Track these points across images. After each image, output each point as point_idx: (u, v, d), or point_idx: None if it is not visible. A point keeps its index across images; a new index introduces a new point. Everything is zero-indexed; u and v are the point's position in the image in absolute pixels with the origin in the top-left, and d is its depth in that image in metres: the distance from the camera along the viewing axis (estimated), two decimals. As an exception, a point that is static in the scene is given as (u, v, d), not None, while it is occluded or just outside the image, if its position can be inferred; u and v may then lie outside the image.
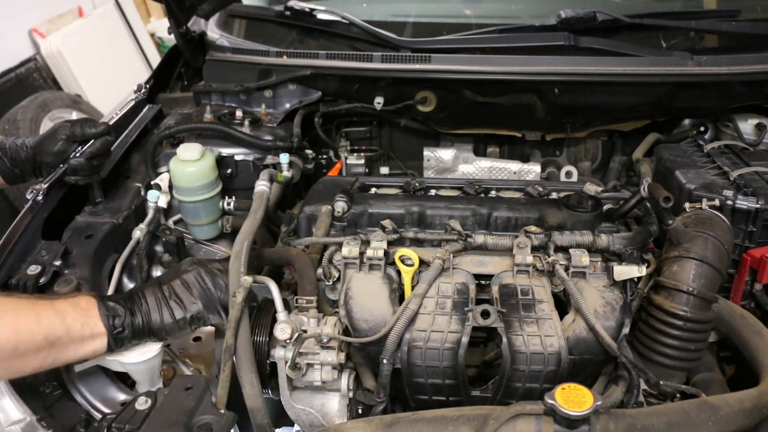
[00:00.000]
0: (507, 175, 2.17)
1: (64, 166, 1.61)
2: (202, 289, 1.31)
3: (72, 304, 1.22)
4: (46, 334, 1.15)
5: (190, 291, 1.31)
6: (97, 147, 1.60)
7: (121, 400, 1.31)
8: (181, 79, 2.40)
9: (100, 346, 1.23)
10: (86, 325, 1.20)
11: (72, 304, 1.22)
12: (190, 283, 1.31)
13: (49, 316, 1.16)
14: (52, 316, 1.17)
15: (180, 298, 1.30)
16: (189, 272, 1.33)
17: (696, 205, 1.45)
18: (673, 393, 1.30)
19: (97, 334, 1.22)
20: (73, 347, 1.20)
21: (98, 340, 1.22)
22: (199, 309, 1.30)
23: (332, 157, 2.23)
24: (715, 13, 2.16)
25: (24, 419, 1.22)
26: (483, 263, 1.44)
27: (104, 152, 1.63)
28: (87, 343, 1.21)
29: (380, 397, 1.29)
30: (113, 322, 1.23)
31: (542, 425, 1.03)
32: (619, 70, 1.83)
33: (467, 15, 2.28)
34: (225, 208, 1.82)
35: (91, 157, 1.60)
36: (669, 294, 1.32)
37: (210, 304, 1.31)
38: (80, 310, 1.21)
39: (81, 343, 1.20)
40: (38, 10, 4.73)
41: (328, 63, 1.96)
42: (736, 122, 1.92)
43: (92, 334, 1.21)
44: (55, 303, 1.20)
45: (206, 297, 1.31)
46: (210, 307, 1.31)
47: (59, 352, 1.18)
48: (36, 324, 1.14)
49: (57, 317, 1.17)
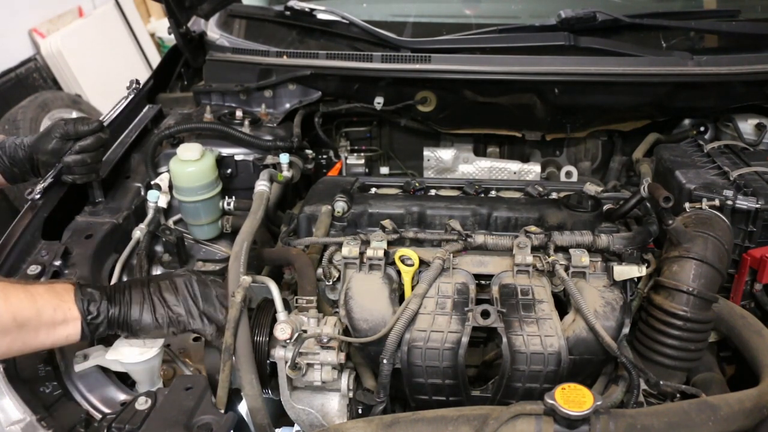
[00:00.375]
0: (507, 175, 2.17)
1: (59, 165, 1.61)
2: (188, 295, 1.29)
3: (47, 288, 1.20)
4: (15, 314, 1.12)
5: (175, 294, 1.29)
6: (89, 143, 1.59)
7: (121, 400, 1.31)
8: (181, 79, 2.40)
9: (74, 331, 1.20)
10: (59, 309, 1.18)
11: (47, 288, 1.20)
12: (177, 287, 1.29)
13: (19, 297, 1.14)
14: (22, 297, 1.14)
15: (163, 297, 1.28)
16: (180, 277, 1.31)
17: (696, 205, 1.45)
18: (673, 393, 1.30)
19: (70, 319, 1.19)
20: (45, 331, 1.17)
21: (71, 325, 1.20)
22: (180, 313, 1.27)
23: (332, 157, 2.23)
24: (715, 13, 2.16)
25: (24, 419, 1.22)
26: (483, 263, 1.44)
27: (97, 148, 1.62)
28: (59, 328, 1.19)
29: (380, 397, 1.29)
30: (87, 307, 1.21)
31: (542, 425, 1.03)
32: (619, 70, 1.83)
33: (467, 15, 2.28)
34: (225, 208, 1.82)
35: (82, 151, 1.59)
36: (669, 294, 1.32)
37: (192, 311, 1.29)
38: (54, 293, 1.19)
39: (53, 328, 1.18)
40: (38, 10, 4.73)
41: (328, 63, 1.96)
42: (736, 122, 1.92)
43: (65, 318, 1.18)
44: (29, 286, 1.19)
45: (189, 303, 1.29)
46: (191, 313, 1.29)
47: (29, 336, 1.15)
48: (4, 303, 1.12)
49: (28, 299, 1.15)
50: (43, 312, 1.16)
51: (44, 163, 1.63)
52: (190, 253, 1.81)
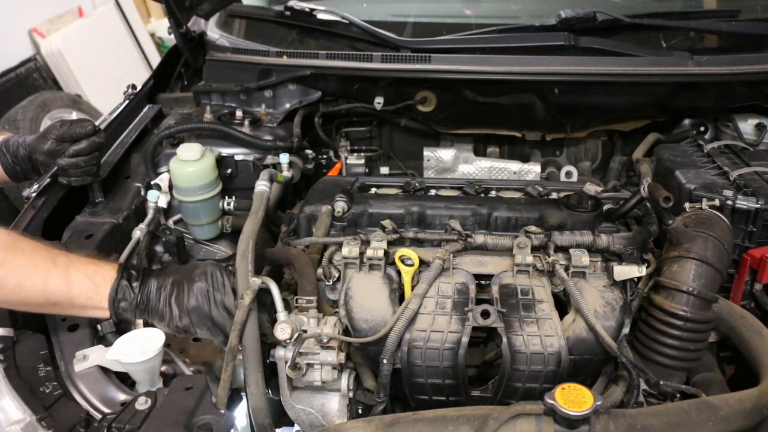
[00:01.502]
0: (507, 175, 2.17)
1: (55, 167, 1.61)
2: (204, 302, 1.31)
3: (87, 275, 1.30)
4: (49, 296, 1.25)
5: (189, 300, 1.31)
6: (83, 146, 1.59)
7: (121, 400, 1.31)
8: (181, 79, 2.40)
9: (103, 315, 1.32)
10: (91, 300, 1.29)
11: (88, 274, 1.30)
12: (195, 293, 1.31)
13: (56, 282, 1.26)
14: (59, 282, 1.26)
15: (179, 302, 1.31)
16: (199, 282, 1.32)
17: (696, 205, 1.45)
18: (673, 393, 1.30)
19: (99, 308, 1.31)
20: (75, 310, 1.31)
21: (100, 312, 1.32)
22: (187, 324, 1.31)
23: (332, 157, 2.23)
24: (715, 13, 2.16)
25: (24, 419, 1.22)
26: (483, 263, 1.44)
27: (90, 152, 1.61)
28: (90, 311, 1.32)
29: (380, 397, 1.29)
30: (119, 305, 1.30)
31: (542, 425, 1.03)
32: (619, 70, 1.83)
33: (467, 15, 2.28)
34: (225, 208, 1.82)
35: (76, 155, 1.59)
36: (669, 294, 1.32)
37: (203, 321, 1.31)
38: (92, 283, 1.29)
39: (83, 309, 1.31)
40: (38, 10, 4.73)
41: (328, 63, 1.96)
42: (736, 122, 1.92)
43: (95, 306, 1.30)
44: (71, 268, 1.28)
45: (201, 313, 1.31)
46: (201, 323, 1.31)
47: (61, 310, 1.32)
48: (42, 286, 1.24)
49: (64, 285, 1.26)
50: (76, 299, 1.28)
51: (42, 163, 1.63)
52: (190, 253, 1.81)
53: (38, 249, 1.28)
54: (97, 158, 1.65)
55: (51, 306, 1.28)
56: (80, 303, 1.29)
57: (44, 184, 1.65)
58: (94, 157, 1.63)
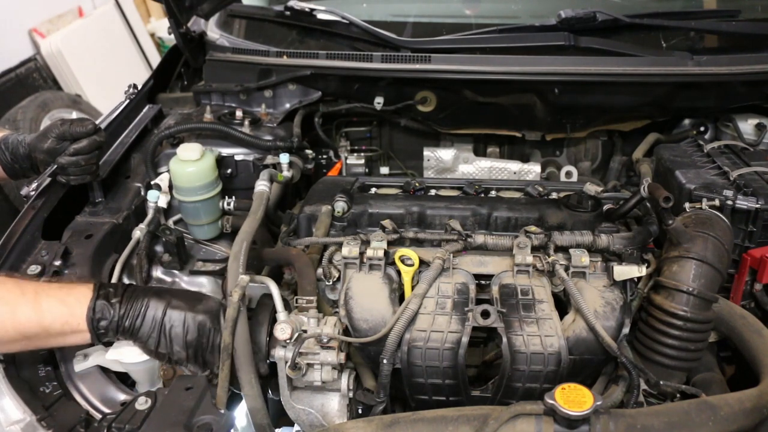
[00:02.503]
0: (507, 175, 2.17)
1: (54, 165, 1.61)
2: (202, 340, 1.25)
3: (59, 299, 1.21)
4: (21, 329, 1.17)
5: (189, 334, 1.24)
6: (83, 145, 1.59)
7: (121, 400, 1.31)
8: (181, 79, 2.40)
9: (83, 339, 1.24)
10: (67, 324, 1.20)
11: (60, 299, 1.21)
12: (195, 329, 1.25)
13: (26, 312, 1.18)
14: (29, 312, 1.18)
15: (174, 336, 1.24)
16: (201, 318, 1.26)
17: (696, 205, 1.45)
18: (673, 393, 1.30)
19: (78, 331, 1.22)
20: (53, 340, 1.22)
21: (80, 336, 1.23)
22: (181, 358, 1.25)
23: (332, 157, 2.23)
24: (715, 13, 2.16)
25: (24, 419, 1.22)
26: (483, 263, 1.44)
27: (91, 151, 1.61)
28: (69, 337, 1.23)
29: (380, 397, 1.29)
30: (98, 325, 1.22)
31: (542, 425, 1.03)
32: (619, 70, 1.83)
33: (467, 15, 2.28)
34: (225, 208, 1.82)
35: (76, 153, 1.59)
36: (669, 294, 1.32)
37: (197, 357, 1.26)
38: (66, 307, 1.21)
39: (61, 337, 1.22)
40: (38, 10, 4.73)
41: (328, 63, 1.96)
42: (736, 122, 1.92)
43: (73, 330, 1.21)
44: (40, 295, 1.20)
45: (196, 349, 1.25)
46: (195, 358, 1.26)
47: (38, 343, 1.22)
48: (11, 318, 1.16)
49: (35, 314, 1.18)
50: (51, 327, 1.19)
51: (42, 162, 1.63)
52: (190, 253, 1.81)
53: (3, 281, 1.22)
54: (97, 157, 1.65)
55: (27, 340, 1.20)
56: (56, 330, 1.20)
57: (44, 183, 1.65)
58: (94, 156, 1.63)
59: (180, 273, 1.76)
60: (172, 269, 1.75)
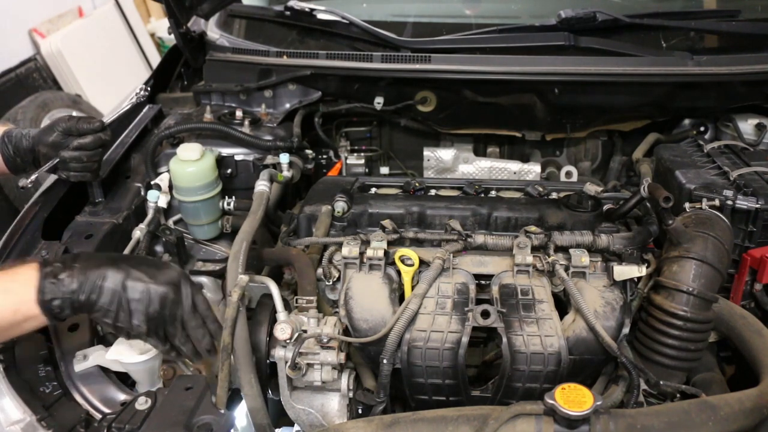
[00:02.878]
0: (507, 175, 2.17)
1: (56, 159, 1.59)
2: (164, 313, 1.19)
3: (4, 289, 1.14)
4: None
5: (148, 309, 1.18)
6: (88, 141, 1.58)
7: (121, 400, 1.31)
8: (181, 79, 2.40)
9: (39, 323, 1.17)
10: (19, 312, 1.13)
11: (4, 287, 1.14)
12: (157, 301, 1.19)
13: None
14: None
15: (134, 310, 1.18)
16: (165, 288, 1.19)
17: (696, 205, 1.45)
18: (673, 393, 1.30)
19: (31, 317, 1.14)
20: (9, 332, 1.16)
21: (35, 321, 1.16)
22: (141, 332, 1.20)
23: (332, 157, 2.23)
24: (715, 13, 2.16)
25: (24, 419, 1.22)
26: (483, 263, 1.44)
27: (95, 148, 1.60)
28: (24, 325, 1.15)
29: (380, 397, 1.29)
30: (50, 306, 1.14)
31: (542, 425, 1.03)
32: (619, 70, 1.83)
33: (467, 15, 2.28)
34: (225, 208, 1.82)
35: (78, 149, 1.57)
36: (669, 294, 1.32)
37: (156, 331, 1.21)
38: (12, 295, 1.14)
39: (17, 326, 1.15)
40: (38, 10, 4.73)
41: (328, 63, 1.96)
42: (736, 122, 1.92)
43: (27, 317, 1.14)
44: None
45: (157, 323, 1.20)
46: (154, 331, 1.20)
47: None
48: None
49: None
50: (3, 319, 1.13)
51: (45, 156, 1.61)
52: (190, 253, 1.81)
53: None
54: (99, 155, 1.64)
55: None
56: (8, 321, 1.12)
57: (45, 179, 1.63)
58: (97, 153, 1.62)
59: (180, 273, 1.76)
60: (172, 269, 1.75)
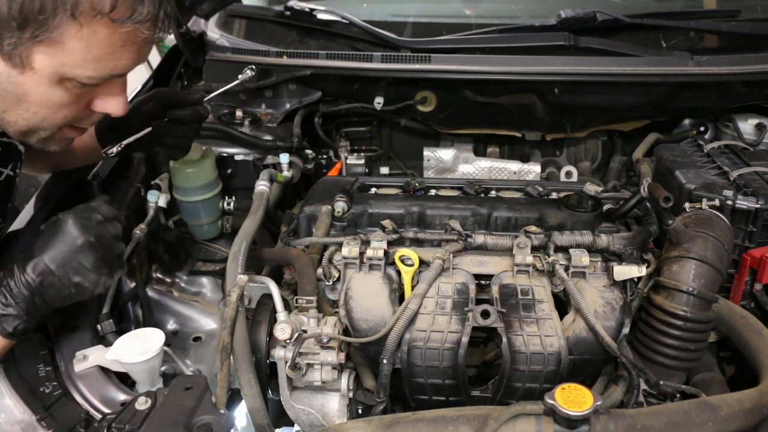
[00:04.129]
0: (507, 175, 2.17)
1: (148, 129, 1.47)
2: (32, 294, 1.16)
3: None
4: None
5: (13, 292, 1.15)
6: (184, 114, 1.50)
7: (121, 400, 1.31)
8: (180, 79, 2.39)
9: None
10: None
11: None
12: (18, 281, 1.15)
13: None
14: None
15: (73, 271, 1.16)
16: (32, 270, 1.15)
17: (696, 205, 1.45)
18: (673, 393, 1.30)
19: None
20: None
21: None
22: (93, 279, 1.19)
23: (332, 157, 2.23)
24: (715, 13, 2.16)
25: (24, 419, 1.22)
26: (483, 263, 1.44)
27: (190, 122, 1.53)
28: None
29: (380, 397, 1.29)
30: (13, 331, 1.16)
31: (542, 425, 1.03)
32: (619, 70, 1.83)
33: (467, 15, 2.28)
34: (225, 208, 1.82)
35: (175, 121, 1.49)
36: (669, 294, 1.32)
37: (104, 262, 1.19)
38: None
39: None
40: (38, 10, 4.72)
41: (328, 63, 1.96)
42: (736, 122, 1.91)
43: None
44: None
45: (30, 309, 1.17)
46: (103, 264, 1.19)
47: None
48: None
49: None
50: None
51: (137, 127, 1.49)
52: (190, 253, 1.81)
53: None
54: (194, 131, 1.57)
55: None
56: None
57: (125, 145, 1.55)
58: (192, 129, 1.55)
59: (180, 273, 1.77)
60: (172, 269, 1.75)
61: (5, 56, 1.04)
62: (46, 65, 1.06)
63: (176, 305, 1.72)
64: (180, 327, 1.70)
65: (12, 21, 0.99)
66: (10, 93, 1.09)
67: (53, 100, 1.12)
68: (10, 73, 1.07)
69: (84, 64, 1.07)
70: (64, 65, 1.06)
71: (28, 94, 1.10)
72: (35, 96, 1.11)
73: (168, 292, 1.74)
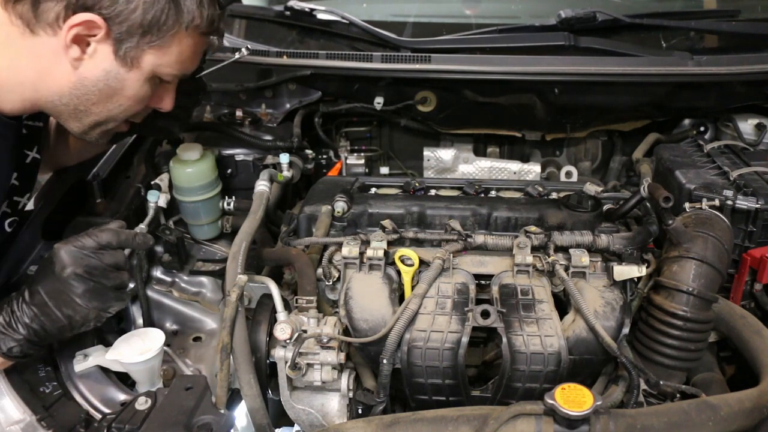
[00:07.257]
0: (507, 175, 2.17)
1: None
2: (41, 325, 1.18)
3: None
4: None
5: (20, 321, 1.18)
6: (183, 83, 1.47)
7: (121, 400, 1.31)
8: (180, 79, 2.39)
9: None
10: None
11: None
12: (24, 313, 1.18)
13: None
14: None
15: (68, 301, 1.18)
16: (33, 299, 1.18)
17: (696, 205, 1.45)
18: (673, 393, 1.30)
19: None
20: None
21: None
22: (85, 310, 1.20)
23: (332, 157, 2.23)
24: (715, 13, 2.16)
25: (24, 419, 1.22)
26: (483, 263, 1.44)
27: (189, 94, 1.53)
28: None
29: (380, 397, 1.29)
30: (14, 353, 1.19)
31: (542, 425, 1.03)
32: (619, 70, 1.83)
33: (467, 15, 2.28)
34: (225, 208, 1.82)
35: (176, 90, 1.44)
36: (669, 294, 1.32)
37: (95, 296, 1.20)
38: None
39: None
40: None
41: (328, 63, 1.95)
42: (736, 122, 1.91)
43: None
44: None
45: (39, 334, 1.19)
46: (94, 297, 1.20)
47: None
48: None
49: None
50: None
51: None
52: (190, 253, 1.81)
53: None
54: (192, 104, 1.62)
55: None
56: None
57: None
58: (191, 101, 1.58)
59: (180, 273, 1.77)
60: (172, 269, 1.75)
61: (119, 57, 1.19)
62: (149, 64, 1.23)
63: (176, 305, 1.72)
64: (180, 327, 1.70)
65: (139, 28, 1.17)
66: (111, 87, 1.23)
67: (140, 94, 1.28)
68: (119, 70, 1.21)
69: (174, 64, 1.27)
70: (161, 65, 1.24)
71: (125, 89, 1.25)
72: (130, 90, 1.26)
73: (168, 292, 1.74)
